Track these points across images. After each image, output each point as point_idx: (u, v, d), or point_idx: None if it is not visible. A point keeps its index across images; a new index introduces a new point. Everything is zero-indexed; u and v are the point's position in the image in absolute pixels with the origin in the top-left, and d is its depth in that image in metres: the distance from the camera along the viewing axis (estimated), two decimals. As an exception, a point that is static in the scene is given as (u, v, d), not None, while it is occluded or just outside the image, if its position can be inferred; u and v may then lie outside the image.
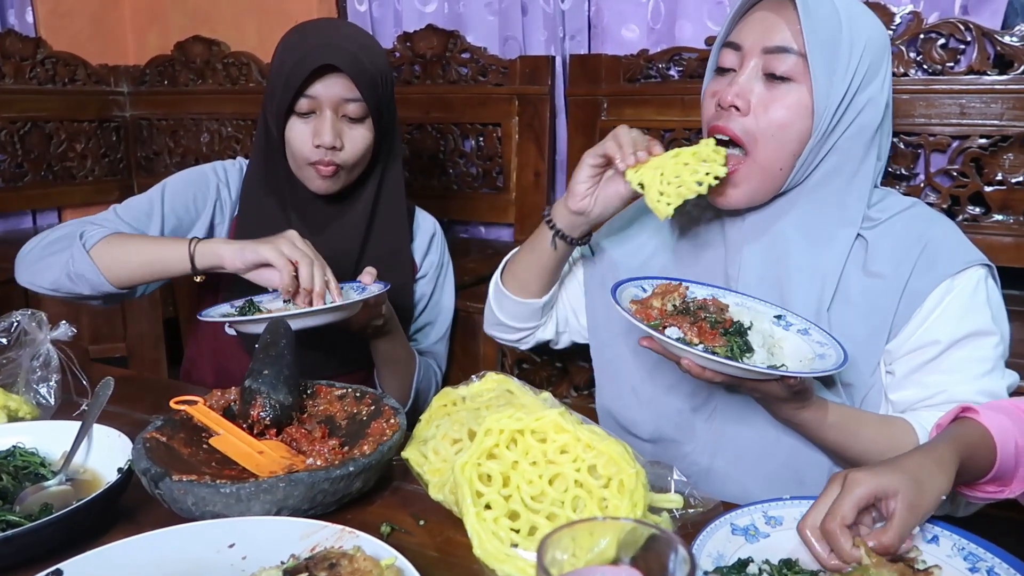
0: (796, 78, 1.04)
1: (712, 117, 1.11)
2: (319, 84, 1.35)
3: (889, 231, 1.09)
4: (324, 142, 1.36)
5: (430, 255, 1.63)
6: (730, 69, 1.10)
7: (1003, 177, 1.87)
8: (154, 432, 0.95)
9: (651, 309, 1.03)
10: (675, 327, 0.98)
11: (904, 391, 1.08)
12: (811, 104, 1.04)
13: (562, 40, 2.42)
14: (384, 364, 1.49)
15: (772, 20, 1.06)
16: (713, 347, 0.96)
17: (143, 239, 1.38)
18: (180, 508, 0.86)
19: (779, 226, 1.11)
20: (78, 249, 1.32)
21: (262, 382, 1.00)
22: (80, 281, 1.33)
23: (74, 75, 2.90)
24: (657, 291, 1.08)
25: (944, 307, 1.04)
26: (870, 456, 1.02)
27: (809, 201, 1.10)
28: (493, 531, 0.80)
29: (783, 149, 1.06)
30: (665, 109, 2.22)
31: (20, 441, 1.02)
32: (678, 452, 1.17)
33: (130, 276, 1.34)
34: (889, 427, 1.04)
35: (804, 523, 0.80)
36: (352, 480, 0.88)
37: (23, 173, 2.75)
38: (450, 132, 2.55)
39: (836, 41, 1.03)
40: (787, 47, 1.04)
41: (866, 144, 1.08)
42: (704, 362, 0.94)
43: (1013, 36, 1.81)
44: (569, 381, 1.92)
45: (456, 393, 1.01)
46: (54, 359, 1.22)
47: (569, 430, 0.85)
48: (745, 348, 0.98)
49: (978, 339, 1.04)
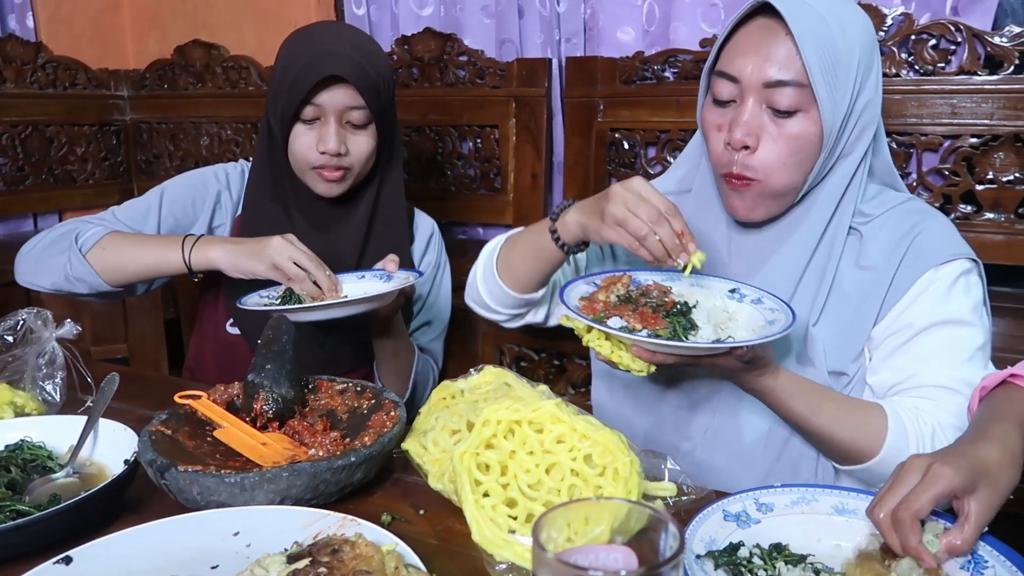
0: (801, 107, 1.04)
1: (723, 157, 1.09)
2: (324, 93, 1.36)
3: (883, 225, 1.11)
4: (329, 149, 1.37)
5: (428, 255, 1.65)
6: (730, 101, 1.08)
7: (994, 176, 1.89)
8: (159, 425, 0.97)
9: (596, 303, 1.03)
10: (617, 316, 0.98)
11: (879, 375, 1.10)
12: (820, 128, 1.04)
13: (558, 43, 2.45)
14: (386, 357, 1.51)
15: (765, 50, 1.04)
16: (656, 331, 0.97)
17: (138, 240, 1.41)
18: (186, 498, 0.88)
19: (795, 238, 1.12)
20: (75, 253, 1.37)
21: (265, 376, 1.02)
22: (79, 283, 1.39)
23: (74, 79, 2.92)
24: (603, 284, 1.08)
25: (925, 295, 1.06)
26: (834, 432, 1.03)
27: (819, 206, 1.12)
28: (491, 518, 0.82)
29: (798, 172, 1.07)
30: (660, 110, 2.24)
31: (27, 435, 1.04)
32: (676, 451, 1.18)
33: (127, 277, 1.40)
34: (857, 408, 1.05)
35: (878, 508, 0.76)
36: (354, 470, 0.90)
37: (24, 176, 2.77)
38: (448, 134, 2.57)
39: (835, 60, 1.03)
40: (786, 80, 1.03)
41: (866, 143, 1.11)
42: (649, 346, 0.94)
43: (1003, 36, 1.84)
44: (567, 379, 1.94)
45: (455, 386, 1.03)
46: (59, 357, 1.24)
47: (565, 420, 0.87)
48: (689, 326, 0.98)
49: (952, 327, 1.06)
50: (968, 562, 0.76)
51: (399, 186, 1.56)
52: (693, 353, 0.97)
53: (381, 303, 1.31)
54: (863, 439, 1.02)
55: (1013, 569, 0.73)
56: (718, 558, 0.77)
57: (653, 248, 0.99)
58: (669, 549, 0.54)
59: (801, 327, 1.11)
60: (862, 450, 1.03)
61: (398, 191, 1.55)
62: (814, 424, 1.04)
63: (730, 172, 1.08)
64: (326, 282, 1.31)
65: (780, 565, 0.76)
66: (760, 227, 1.16)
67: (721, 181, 1.12)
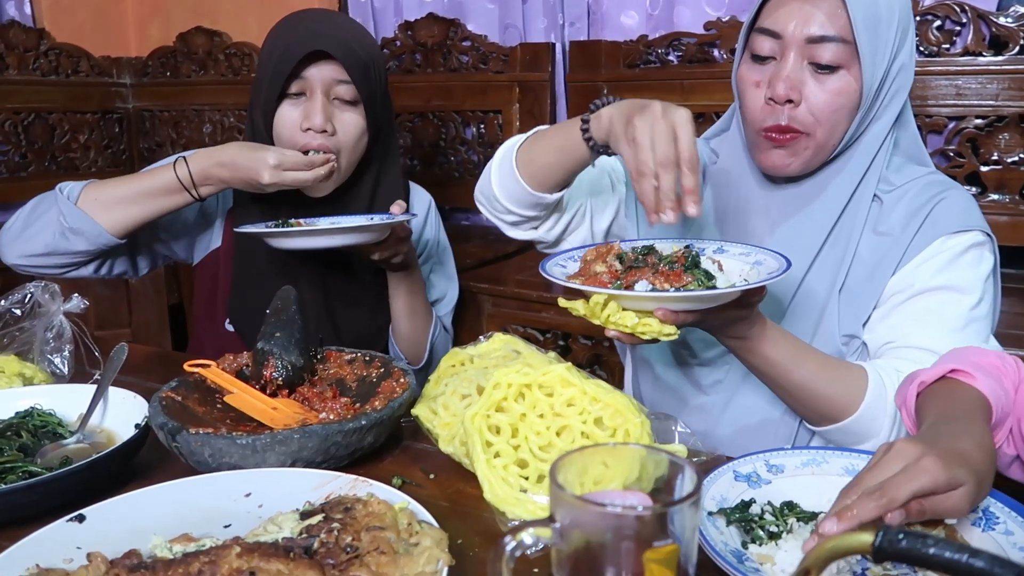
0: (843, 64, 1.05)
1: (763, 111, 1.09)
2: (311, 68, 1.32)
3: (905, 194, 1.12)
4: (314, 124, 1.31)
5: (426, 231, 1.60)
6: (769, 57, 1.09)
7: (999, 157, 1.89)
8: (169, 392, 0.98)
9: (599, 275, 0.95)
10: (642, 280, 0.91)
11: (873, 332, 1.10)
12: (860, 85, 1.06)
13: (562, 27, 2.45)
14: (403, 316, 1.47)
15: (809, 7, 1.05)
16: (683, 286, 0.90)
17: (126, 178, 1.32)
18: (197, 461, 0.88)
19: (824, 196, 1.13)
20: (65, 203, 1.27)
21: (274, 344, 1.02)
22: (76, 237, 1.27)
23: (77, 67, 2.92)
24: (590, 257, 1.00)
25: (932, 260, 1.07)
26: (816, 385, 1.01)
27: (850, 168, 1.12)
28: (503, 477, 0.82)
29: (837, 128, 1.08)
30: (665, 94, 2.23)
31: (37, 403, 1.04)
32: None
33: (127, 218, 1.28)
34: (838, 365, 1.04)
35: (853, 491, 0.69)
36: (364, 434, 0.90)
37: (27, 164, 2.77)
38: (451, 120, 2.57)
39: (877, 20, 1.04)
40: (830, 36, 1.04)
41: (896, 108, 1.12)
42: (683, 304, 0.88)
43: (1007, 17, 1.84)
44: (573, 359, 1.92)
45: (464, 353, 1.03)
46: (67, 330, 1.25)
47: (575, 384, 0.87)
48: (707, 276, 0.94)
49: (951, 293, 1.06)
50: (979, 519, 0.76)
51: (398, 180, 1.50)
52: (727, 300, 0.90)
53: (373, 234, 1.28)
54: (842, 395, 1.01)
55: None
56: (730, 515, 0.77)
57: (645, 190, 0.93)
58: (687, 489, 0.54)
59: (824, 290, 1.11)
60: (839, 407, 1.01)
61: (396, 184, 1.49)
62: (795, 376, 1.01)
63: (773, 125, 1.08)
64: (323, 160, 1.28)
65: (792, 521, 0.76)
66: (787, 185, 1.16)
67: (758, 136, 1.11)
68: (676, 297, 0.88)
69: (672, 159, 0.92)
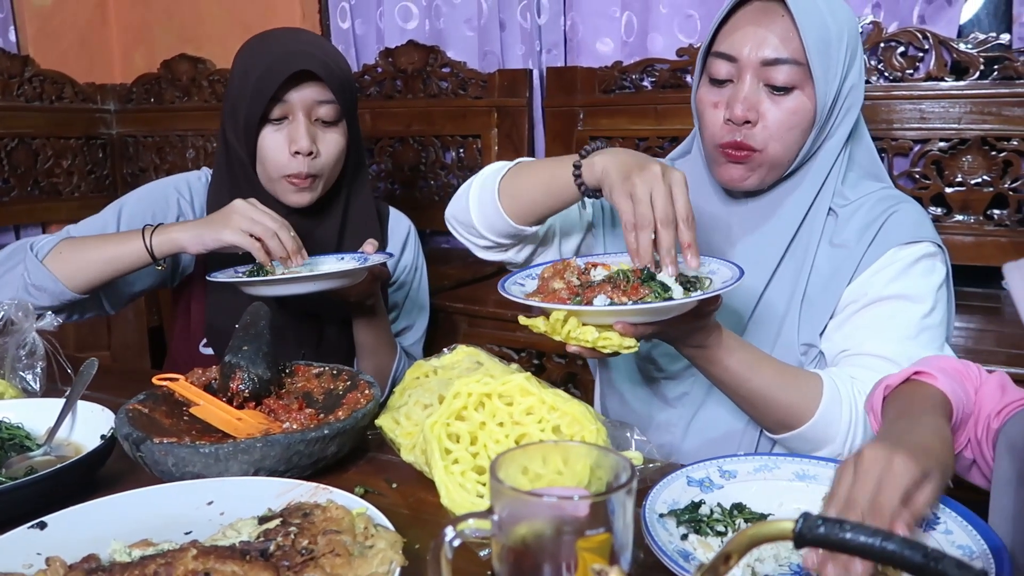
0: (797, 84, 1.10)
1: (722, 131, 1.13)
2: (292, 91, 1.32)
3: (860, 207, 1.16)
4: (302, 147, 1.33)
5: (404, 255, 1.62)
6: (727, 80, 1.13)
7: (963, 179, 1.94)
8: (136, 404, 0.99)
9: (558, 292, 0.96)
10: (600, 295, 0.92)
11: (830, 341, 1.13)
12: (813, 104, 1.10)
13: (539, 54, 2.50)
14: (367, 353, 1.49)
15: (764, 30, 1.09)
16: (640, 299, 0.91)
17: (96, 238, 1.34)
18: (161, 471, 0.89)
19: (782, 211, 1.17)
20: (31, 260, 1.29)
21: (241, 357, 1.03)
22: (39, 293, 1.29)
23: (61, 93, 2.94)
24: (547, 274, 1.01)
25: (885, 270, 1.10)
26: (772, 392, 1.03)
27: (806, 183, 1.17)
28: (460, 483, 0.84)
29: (792, 145, 1.13)
30: (639, 118, 2.29)
31: (5, 416, 1.05)
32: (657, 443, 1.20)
33: (89, 278, 1.31)
34: (795, 373, 1.07)
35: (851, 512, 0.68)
36: (327, 443, 0.92)
37: (9, 189, 2.78)
38: (431, 144, 2.61)
39: (827, 42, 1.08)
40: (783, 58, 1.08)
41: (848, 125, 1.16)
42: (633, 317, 0.90)
43: (968, 44, 1.89)
44: (547, 378, 1.95)
45: (428, 365, 1.05)
46: (40, 348, 1.26)
47: (534, 392, 0.89)
48: (663, 288, 0.94)
49: (903, 302, 1.09)
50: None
51: (368, 195, 1.53)
52: (683, 310, 0.92)
53: (349, 279, 1.27)
54: (798, 402, 1.03)
55: (963, 523, 0.75)
56: (680, 515, 0.79)
57: (641, 242, 0.95)
58: (621, 480, 0.56)
59: (783, 302, 1.15)
60: (796, 414, 1.04)
61: (368, 200, 1.53)
62: (753, 384, 1.03)
63: (729, 142, 1.12)
64: (291, 242, 1.24)
65: (740, 522, 0.78)
66: (746, 200, 1.20)
67: (716, 151, 1.15)
68: (634, 311, 0.89)
69: (671, 218, 0.94)
